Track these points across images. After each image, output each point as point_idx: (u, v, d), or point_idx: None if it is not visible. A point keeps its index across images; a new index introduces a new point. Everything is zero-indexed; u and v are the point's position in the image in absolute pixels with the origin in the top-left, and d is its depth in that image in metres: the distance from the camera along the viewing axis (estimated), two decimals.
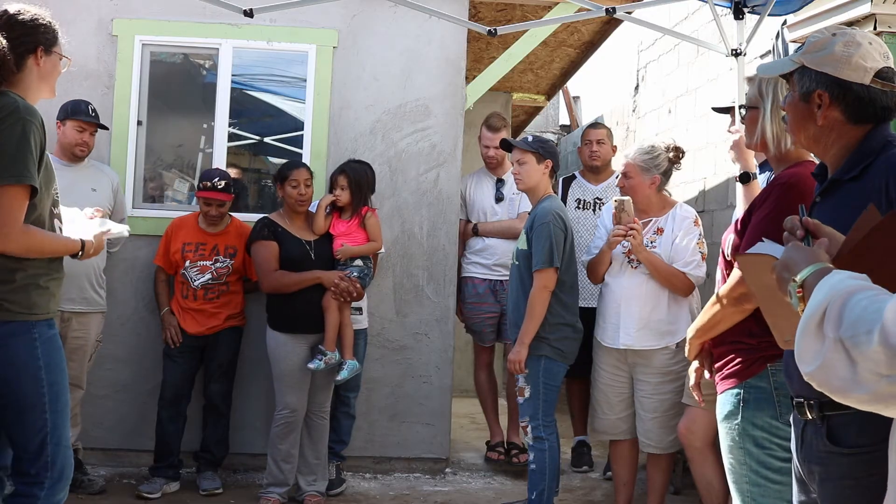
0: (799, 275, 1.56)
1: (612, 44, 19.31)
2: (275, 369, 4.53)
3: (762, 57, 4.93)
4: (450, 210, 5.29)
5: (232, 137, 5.31)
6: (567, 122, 11.79)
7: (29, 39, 2.72)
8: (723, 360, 2.77)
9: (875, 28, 3.82)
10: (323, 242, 4.64)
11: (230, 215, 4.86)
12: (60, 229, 2.84)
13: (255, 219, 4.79)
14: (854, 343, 1.31)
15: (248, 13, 4.25)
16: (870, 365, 1.29)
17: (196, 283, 4.73)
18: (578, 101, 12.34)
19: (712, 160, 5.73)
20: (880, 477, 1.62)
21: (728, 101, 4.08)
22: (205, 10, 4.93)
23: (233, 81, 5.23)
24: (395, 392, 5.23)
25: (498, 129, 5.41)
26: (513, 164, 4.41)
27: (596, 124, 5.93)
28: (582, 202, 5.54)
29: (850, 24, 3.84)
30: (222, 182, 4.67)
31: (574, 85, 19.01)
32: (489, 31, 4.39)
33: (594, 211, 5.41)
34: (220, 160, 5.16)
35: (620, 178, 4.23)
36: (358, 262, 4.62)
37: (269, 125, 5.59)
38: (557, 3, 5.36)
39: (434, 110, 5.28)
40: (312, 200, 4.71)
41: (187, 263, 4.73)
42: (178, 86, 5.56)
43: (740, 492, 2.66)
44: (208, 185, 4.66)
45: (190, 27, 5.19)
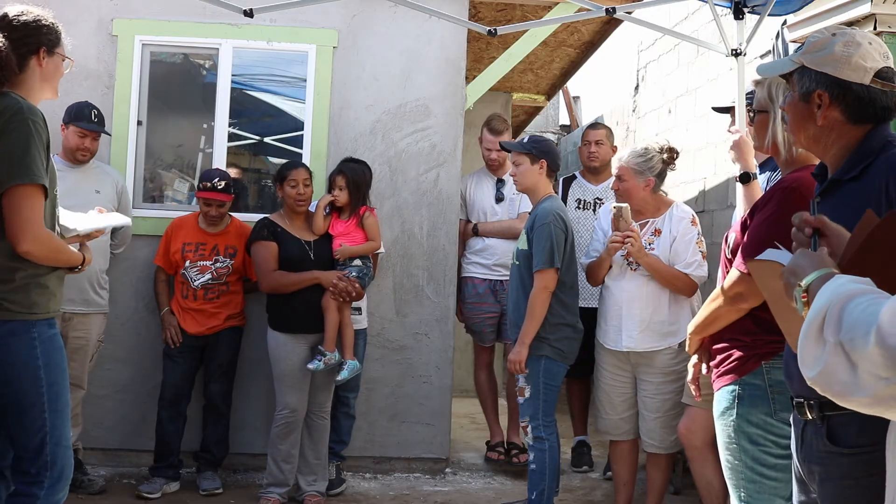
0: (804, 280, 1.56)
1: (612, 44, 19.29)
2: (275, 369, 4.54)
3: (762, 57, 4.93)
4: (450, 210, 5.29)
5: (232, 137, 5.31)
6: (567, 122, 11.79)
7: (31, 40, 2.73)
8: (719, 357, 2.78)
9: (875, 28, 3.82)
10: (322, 243, 4.64)
11: (230, 215, 4.86)
12: (61, 235, 2.84)
13: (255, 219, 4.80)
14: (853, 346, 1.31)
15: (248, 13, 4.24)
16: (869, 367, 1.29)
17: (196, 283, 4.73)
18: (578, 101, 12.34)
19: (712, 160, 5.73)
20: (880, 477, 1.63)
21: (728, 101, 4.08)
22: (205, 10, 4.93)
23: (233, 81, 5.23)
24: (395, 392, 5.23)
25: (500, 132, 5.40)
26: (513, 165, 4.41)
27: (595, 125, 5.93)
28: (582, 202, 5.54)
29: (850, 24, 3.84)
30: (222, 182, 4.67)
31: (574, 85, 19.00)
32: (489, 31, 4.39)
33: (594, 211, 5.40)
34: (220, 160, 5.16)
35: (615, 181, 4.22)
36: (357, 262, 4.62)
37: (269, 125, 5.59)
38: (557, 3, 5.36)
39: (434, 110, 5.28)
40: (312, 200, 4.72)
41: (187, 263, 4.74)
42: (178, 86, 5.56)
43: (736, 488, 2.69)
44: (208, 185, 4.66)
45: (190, 27, 5.19)
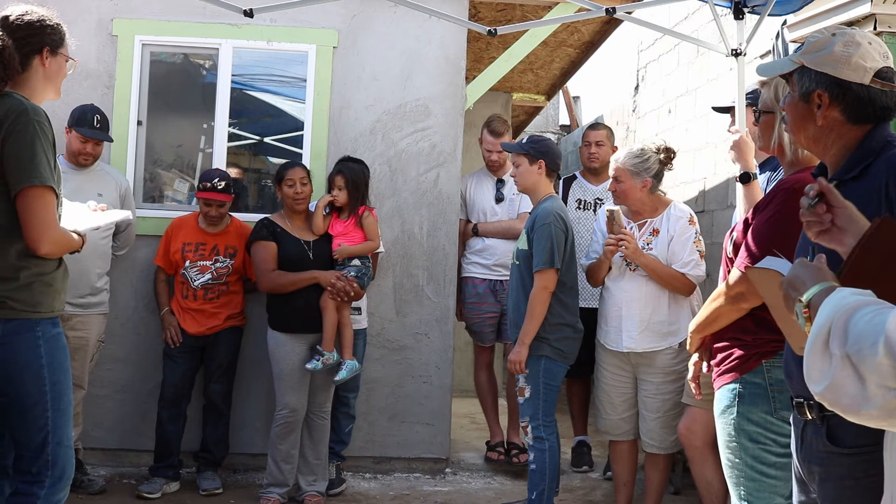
0: (805, 295, 1.55)
1: (612, 44, 19.32)
2: (275, 369, 4.54)
3: (762, 57, 4.93)
4: (450, 210, 5.29)
5: (232, 137, 5.31)
6: (567, 122, 11.79)
7: (35, 40, 2.73)
8: (720, 355, 2.79)
9: (875, 28, 3.82)
10: (321, 242, 4.64)
11: (230, 215, 4.87)
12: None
13: (255, 219, 4.80)
14: (860, 358, 1.30)
15: (248, 13, 4.24)
16: (877, 379, 1.28)
17: (196, 284, 4.73)
18: (578, 101, 12.34)
19: (712, 160, 5.73)
20: (880, 477, 1.63)
21: (728, 101, 4.07)
22: (205, 10, 4.93)
23: (233, 81, 5.23)
24: (395, 392, 5.23)
25: (500, 133, 5.40)
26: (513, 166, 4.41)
27: (596, 125, 5.92)
28: (582, 202, 5.54)
29: (850, 24, 3.84)
30: (222, 183, 4.67)
31: (574, 85, 19.03)
32: (489, 31, 4.39)
33: (595, 211, 5.41)
34: (220, 160, 5.16)
35: (612, 182, 4.21)
36: (355, 262, 4.61)
37: (269, 125, 5.59)
38: (557, 3, 5.36)
39: (434, 110, 5.28)
40: (312, 200, 4.72)
41: (187, 263, 4.74)
42: (178, 86, 5.56)
43: (736, 486, 2.69)
44: (208, 185, 4.66)
45: (190, 27, 5.19)
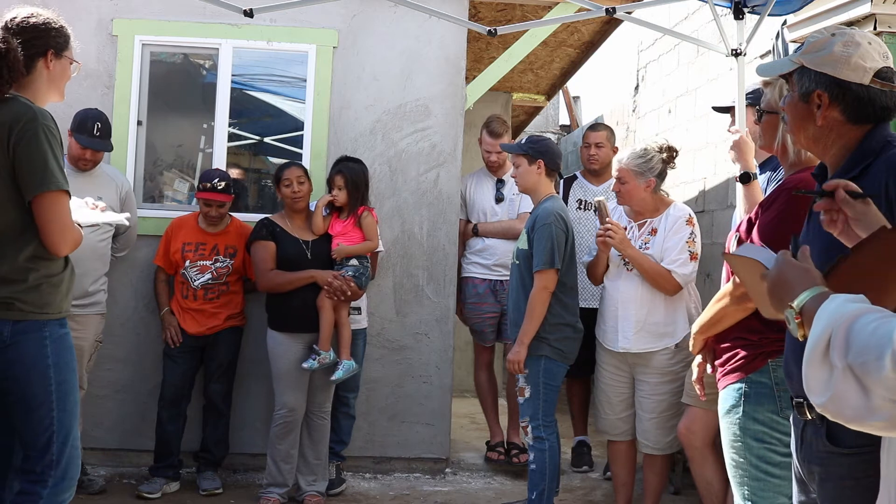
0: (796, 301, 1.53)
1: (612, 44, 19.31)
2: (273, 369, 4.54)
3: (762, 57, 4.93)
4: (450, 210, 5.29)
5: (232, 137, 5.31)
6: (567, 122, 11.79)
7: (40, 42, 2.74)
8: (725, 355, 2.78)
9: (875, 28, 3.82)
10: (320, 242, 4.64)
11: (230, 215, 4.86)
12: None
13: (255, 219, 4.81)
14: (864, 370, 1.28)
15: (248, 13, 4.25)
16: (883, 392, 1.26)
17: (196, 283, 4.73)
18: (578, 101, 12.33)
19: (712, 160, 5.73)
20: (879, 477, 1.62)
21: (728, 101, 4.08)
22: (205, 10, 4.93)
23: (233, 81, 5.23)
24: (395, 392, 5.23)
25: (500, 134, 5.40)
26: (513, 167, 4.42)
27: (596, 126, 5.91)
28: (583, 203, 5.54)
29: (850, 24, 3.84)
30: (222, 183, 4.67)
31: (574, 85, 19.02)
32: (489, 31, 4.39)
33: (595, 211, 5.40)
34: (220, 160, 5.16)
35: (615, 182, 4.22)
36: (353, 262, 4.61)
37: (269, 125, 5.59)
38: (557, 3, 5.36)
39: (434, 110, 5.28)
40: (312, 199, 4.72)
41: (187, 263, 4.74)
42: (178, 86, 5.56)
43: (740, 486, 2.68)
44: (208, 185, 4.66)
45: (190, 27, 5.19)
